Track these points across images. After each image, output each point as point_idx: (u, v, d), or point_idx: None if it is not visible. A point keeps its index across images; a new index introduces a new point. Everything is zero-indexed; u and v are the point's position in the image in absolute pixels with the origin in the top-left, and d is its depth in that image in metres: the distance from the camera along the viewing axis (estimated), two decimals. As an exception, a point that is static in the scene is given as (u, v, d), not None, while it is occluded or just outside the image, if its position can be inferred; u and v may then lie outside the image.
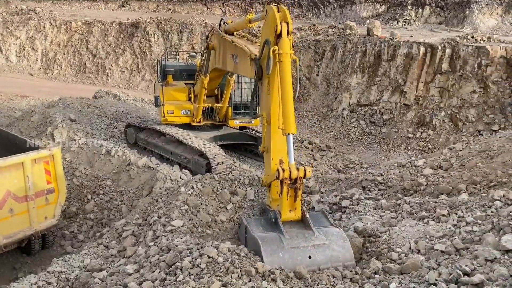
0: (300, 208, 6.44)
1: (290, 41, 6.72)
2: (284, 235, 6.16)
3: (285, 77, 6.62)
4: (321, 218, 6.83)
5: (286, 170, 6.14)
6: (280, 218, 6.37)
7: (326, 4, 41.75)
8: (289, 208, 6.38)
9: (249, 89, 14.09)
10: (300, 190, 6.31)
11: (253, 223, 6.72)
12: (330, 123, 20.35)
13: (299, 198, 6.35)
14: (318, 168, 14.57)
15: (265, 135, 7.33)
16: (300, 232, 6.27)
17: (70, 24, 33.50)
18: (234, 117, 14.44)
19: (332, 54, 23.02)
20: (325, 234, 6.28)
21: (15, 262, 9.65)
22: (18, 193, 8.54)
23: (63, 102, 19.25)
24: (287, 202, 6.34)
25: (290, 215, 6.42)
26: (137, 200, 10.72)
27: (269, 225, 6.58)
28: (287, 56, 6.63)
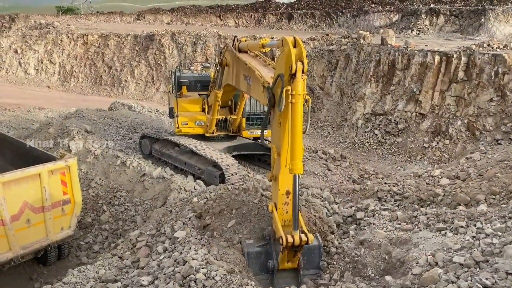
0: (297, 260, 6.94)
1: (304, 81, 6.74)
2: None
3: (296, 118, 6.61)
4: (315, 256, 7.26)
5: (290, 241, 6.42)
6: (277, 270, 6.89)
7: (339, 14, 41.81)
8: (287, 260, 6.87)
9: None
10: (300, 251, 6.79)
11: (255, 260, 7.13)
12: (344, 132, 20.22)
13: (298, 255, 6.86)
14: (333, 178, 14.44)
15: (274, 165, 7.46)
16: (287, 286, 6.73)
17: (86, 37, 34.21)
18: (247, 128, 14.44)
19: (345, 63, 22.97)
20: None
21: (32, 273, 9.75)
22: (35, 204, 8.65)
23: (79, 114, 19.57)
24: (286, 258, 6.82)
25: (287, 265, 6.95)
26: (152, 211, 10.77)
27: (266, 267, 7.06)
28: (299, 98, 6.62)
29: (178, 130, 14.38)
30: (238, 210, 8.20)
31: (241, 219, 8.01)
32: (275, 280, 6.92)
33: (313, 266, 7.20)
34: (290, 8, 46.27)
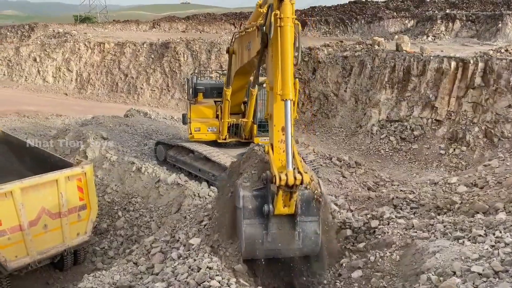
0: (293, 204, 6.55)
1: (292, 5, 6.69)
2: (268, 237, 6.60)
3: (284, 42, 6.59)
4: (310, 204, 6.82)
5: (283, 179, 6.21)
6: (272, 214, 6.53)
7: (353, 20, 41.71)
8: (283, 204, 6.52)
9: None
10: (295, 193, 6.44)
11: (248, 202, 6.70)
12: (359, 139, 20.07)
13: (294, 199, 6.49)
14: (347, 185, 14.35)
15: (268, 101, 7.37)
16: (282, 233, 6.64)
17: (103, 46, 34.78)
18: (259, 135, 14.31)
19: (360, 70, 22.87)
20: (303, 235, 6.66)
21: (48, 278, 9.88)
22: (52, 210, 8.78)
23: (95, 121, 19.86)
24: (281, 200, 6.48)
25: (284, 210, 6.57)
26: (166, 217, 10.83)
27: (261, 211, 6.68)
28: (288, 21, 6.57)
29: (191, 136, 14.51)
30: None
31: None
32: (270, 225, 6.62)
33: (312, 213, 6.78)
34: (304, 15, 46.35)
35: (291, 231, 6.60)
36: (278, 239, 6.67)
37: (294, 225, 6.64)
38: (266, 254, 6.78)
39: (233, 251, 7.08)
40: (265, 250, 6.68)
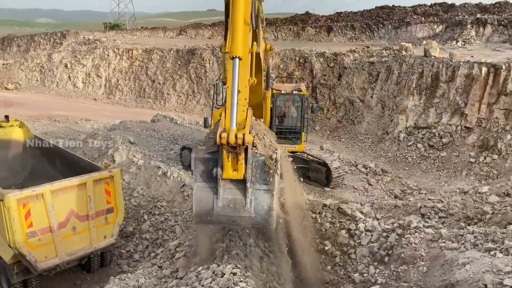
0: (242, 168, 6.31)
1: None
2: (218, 202, 6.38)
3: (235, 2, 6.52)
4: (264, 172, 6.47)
5: (224, 137, 5.95)
6: (221, 177, 6.35)
7: (380, 25, 41.22)
8: (232, 168, 6.31)
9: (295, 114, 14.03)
10: (241, 155, 6.20)
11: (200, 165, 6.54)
12: (386, 146, 19.73)
13: (240, 161, 6.25)
14: (374, 193, 14.10)
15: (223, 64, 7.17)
16: (234, 199, 6.41)
17: (131, 52, 35.56)
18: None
19: (387, 75, 22.54)
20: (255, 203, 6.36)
21: (76, 279, 10.09)
22: (80, 212, 8.98)
23: (123, 126, 20.26)
24: (228, 163, 6.27)
25: (233, 174, 6.35)
26: (191, 221, 10.90)
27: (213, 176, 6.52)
28: None
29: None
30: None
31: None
32: (220, 189, 6.41)
33: (265, 182, 6.43)
34: (330, 21, 46.11)
35: (242, 197, 6.36)
36: (229, 205, 6.45)
37: (245, 192, 6.38)
38: (217, 220, 6.56)
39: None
40: (215, 215, 6.46)
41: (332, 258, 8.80)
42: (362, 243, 8.60)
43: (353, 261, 8.53)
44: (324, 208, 9.41)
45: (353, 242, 8.78)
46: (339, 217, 9.34)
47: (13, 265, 8.53)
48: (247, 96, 6.61)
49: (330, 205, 9.50)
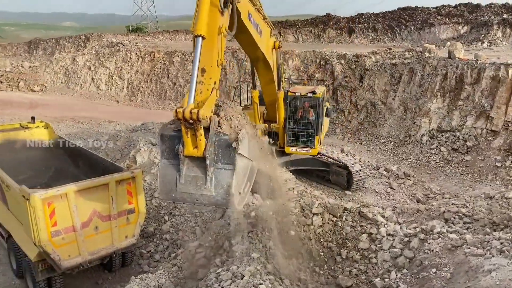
0: (202, 146, 6.38)
1: None
2: (181, 179, 6.52)
3: None
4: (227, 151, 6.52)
5: (179, 112, 6.05)
6: (182, 154, 6.46)
7: (402, 27, 40.63)
8: (193, 145, 6.40)
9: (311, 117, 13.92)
10: (198, 131, 6.26)
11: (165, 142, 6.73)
12: (408, 149, 19.40)
13: (199, 138, 6.32)
14: (395, 197, 13.89)
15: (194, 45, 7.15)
16: (196, 177, 6.51)
17: (153, 55, 36.04)
18: (289, 144, 14.24)
19: (409, 77, 22.19)
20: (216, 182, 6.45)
21: (98, 278, 10.24)
22: (103, 212, 9.10)
23: (145, 127, 20.52)
24: (188, 139, 6.37)
25: (193, 151, 6.45)
26: (210, 223, 10.94)
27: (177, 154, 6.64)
28: None
29: None
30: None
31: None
32: (182, 166, 6.51)
33: (227, 161, 6.47)
34: (351, 22, 45.73)
35: (203, 175, 6.43)
36: (191, 183, 6.52)
37: (205, 170, 6.44)
38: (180, 197, 6.68)
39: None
40: (178, 193, 6.59)
41: (352, 262, 8.69)
42: (384, 248, 8.46)
43: (374, 265, 8.40)
44: (345, 212, 9.30)
45: (374, 247, 8.64)
46: (360, 221, 9.21)
47: (38, 263, 8.72)
48: (212, 76, 6.71)
49: (351, 208, 9.38)
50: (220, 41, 7.05)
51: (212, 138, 6.42)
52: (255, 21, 9.93)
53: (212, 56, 6.87)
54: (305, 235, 8.72)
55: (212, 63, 6.86)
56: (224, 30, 7.12)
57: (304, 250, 8.45)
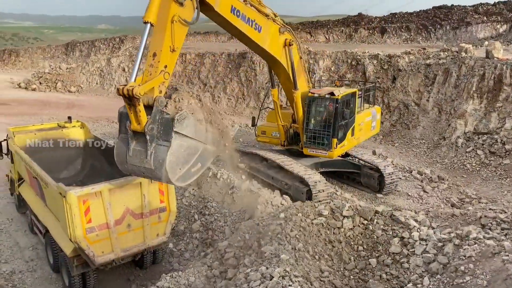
0: (142, 122, 7.00)
1: None
2: (129, 152, 7.27)
3: None
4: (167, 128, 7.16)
5: (120, 89, 6.82)
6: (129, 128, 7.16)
7: (437, 26, 39.57)
8: (136, 121, 7.03)
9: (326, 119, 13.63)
10: (137, 107, 6.88)
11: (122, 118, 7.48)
12: (442, 152, 18.84)
13: (139, 114, 6.94)
14: (429, 201, 13.53)
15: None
16: (140, 150, 7.22)
17: (185, 56, 36.59)
18: (307, 145, 13.91)
19: (444, 78, 21.55)
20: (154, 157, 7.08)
21: (129, 274, 10.49)
22: (135, 210, 9.32)
23: (176, 127, 20.81)
24: (131, 115, 7.04)
25: (137, 127, 7.09)
26: (240, 223, 11.00)
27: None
28: None
29: (257, 137, 15.54)
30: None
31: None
32: (130, 140, 7.23)
33: (165, 138, 7.06)
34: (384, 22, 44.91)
35: (145, 150, 7.08)
36: (136, 156, 7.22)
37: (145, 144, 7.08)
38: (130, 169, 7.42)
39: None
40: (128, 164, 7.34)
41: (383, 266, 8.52)
42: (416, 252, 8.24)
43: (406, 270, 8.20)
44: (376, 215, 9.13)
45: (406, 251, 8.44)
46: (392, 225, 9.02)
47: (73, 258, 9.01)
48: (162, 60, 7.48)
49: (383, 212, 9.20)
50: (173, 29, 7.73)
51: (155, 116, 7.06)
52: (245, 16, 10.46)
53: (164, 42, 7.60)
54: (335, 238, 8.62)
55: (163, 48, 7.59)
56: (177, 18, 7.77)
57: (334, 253, 8.35)
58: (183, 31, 8.20)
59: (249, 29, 10.79)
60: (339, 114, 13.17)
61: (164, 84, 7.67)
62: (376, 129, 16.08)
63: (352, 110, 13.82)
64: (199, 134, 7.80)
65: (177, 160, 7.30)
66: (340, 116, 13.23)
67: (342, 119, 13.38)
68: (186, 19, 8.07)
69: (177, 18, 7.78)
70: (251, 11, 10.76)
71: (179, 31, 7.98)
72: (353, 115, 13.87)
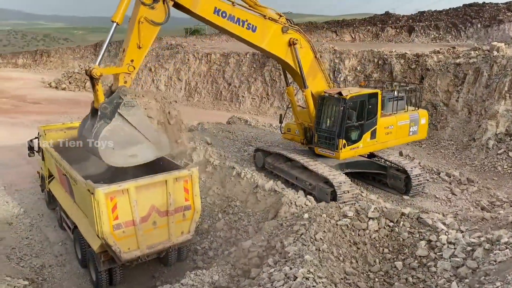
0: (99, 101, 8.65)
1: None
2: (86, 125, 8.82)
3: None
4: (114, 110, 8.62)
5: (86, 69, 8.67)
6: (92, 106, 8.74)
7: (467, 24, 38.50)
8: (95, 100, 8.63)
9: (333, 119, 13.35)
10: (95, 87, 8.73)
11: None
12: (472, 154, 18.31)
13: (96, 93, 8.74)
14: (458, 203, 13.17)
15: None
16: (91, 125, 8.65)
17: (210, 56, 36.88)
18: (319, 145, 13.72)
19: (475, 78, 20.93)
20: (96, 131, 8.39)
21: (154, 271, 10.64)
22: (161, 208, 9.46)
23: (201, 127, 21.05)
24: (94, 94, 8.74)
25: (96, 105, 8.61)
26: (263, 223, 10.99)
27: None
28: None
29: (282, 134, 15.78)
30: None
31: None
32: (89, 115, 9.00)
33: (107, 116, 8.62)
34: (411, 20, 44.02)
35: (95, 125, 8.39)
36: (87, 130, 8.51)
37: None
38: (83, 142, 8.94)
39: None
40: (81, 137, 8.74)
41: (409, 269, 8.35)
42: (444, 256, 8.03)
43: (433, 274, 8.01)
44: (402, 217, 8.95)
45: (434, 255, 8.24)
46: (419, 227, 8.82)
47: (101, 254, 9.22)
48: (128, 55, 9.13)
49: (409, 214, 9.01)
50: (140, 29, 9.08)
51: (112, 99, 8.58)
52: (234, 16, 11.06)
53: (131, 40, 9.13)
54: (360, 240, 8.50)
55: (130, 45, 9.16)
56: (143, 20, 9.08)
57: (359, 255, 8.24)
58: (152, 30, 9.40)
59: (240, 29, 11.32)
60: (346, 115, 12.78)
61: (130, 76, 9.22)
62: (418, 134, 14.97)
63: (372, 112, 13.38)
64: (144, 128, 8.76)
65: (112, 138, 8.40)
66: (347, 116, 12.85)
67: (351, 120, 12.98)
68: (155, 20, 9.29)
69: (143, 19, 9.05)
70: (242, 12, 11.24)
71: (146, 31, 9.19)
72: (373, 117, 13.39)
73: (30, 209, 14.08)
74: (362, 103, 13.07)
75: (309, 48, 13.06)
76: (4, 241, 11.89)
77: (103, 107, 8.46)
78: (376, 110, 13.33)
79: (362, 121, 13.16)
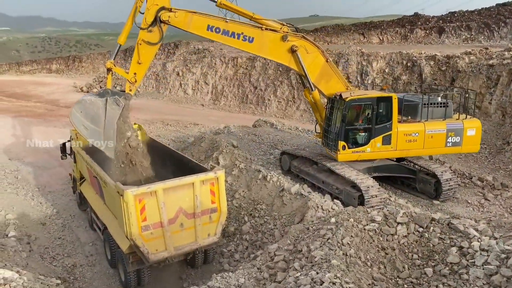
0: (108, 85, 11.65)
1: None
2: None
3: None
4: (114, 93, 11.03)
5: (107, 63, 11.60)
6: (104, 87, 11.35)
7: (501, 25, 37.31)
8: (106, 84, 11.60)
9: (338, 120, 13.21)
10: (107, 74, 11.84)
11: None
12: (506, 158, 17.67)
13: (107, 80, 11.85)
14: (491, 209, 12.74)
15: None
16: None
17: (236, 60, 37.12)
18: (325, 145, 14.02)
19: (509, 79, 20.23)
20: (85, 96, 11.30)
21: (181, 273, 10.76)
22: (188, 210, 9.56)
23: (227, 130, 21.19)
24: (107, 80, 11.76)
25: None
26: (289, 226, 10.94)
27: None
28: None
29: (315, 135, 15.72)
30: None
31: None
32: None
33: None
34: (442, 21, 43.01)
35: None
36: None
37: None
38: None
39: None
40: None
41: (440, 276, 8.12)
42: (476, 264, 7.78)
43: (465, 282, 7.76)
44: (433, 223, 8.72)
45: (466, 262, 7.99)
46: (450, 233, 8.58)
47: (129, 255, 9.40)
48: (131, 68, 11.34)
49: (440, 219, 8.77)
50: (139, 49, 11.10)
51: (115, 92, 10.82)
52: (228, 31, 12.15)
53: (133, 58, 11.31)
54: (388, 245, 8.34)
55: (132, 61, 11.36)
56: (140, 42, 11.11)
57: (387, 261, 8.08)
58: (150, 49, 11.32)
59: (236, 42, 12.37)
60: (346, 117, 12.73)
61: (134, 85, 11.35)
62: (462, 146, 13.72)
63: (384, 116, 13.06)
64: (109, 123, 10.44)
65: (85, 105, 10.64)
66: (348, 119, 12.80)
67: (352, 122, 12.94)
68: (151, 41, 11.18)
69: (141, 41, 11.05)
70: (236, 26, 12.22)
71: (144, 50, 11.21)
72: (385, 121, 13.07)
73: (62, 210, 14.52)
74: (368, 106, 12.89)
75: (318, 53, 13.19)
76: (38, 240, 12.30)
77: (105, 91, 10.81)
78: (391, 115, 12.99)
79: (370, 125, 12.97)
